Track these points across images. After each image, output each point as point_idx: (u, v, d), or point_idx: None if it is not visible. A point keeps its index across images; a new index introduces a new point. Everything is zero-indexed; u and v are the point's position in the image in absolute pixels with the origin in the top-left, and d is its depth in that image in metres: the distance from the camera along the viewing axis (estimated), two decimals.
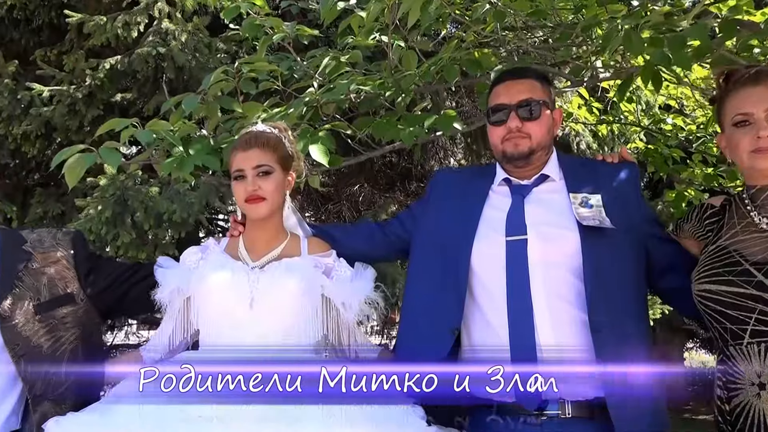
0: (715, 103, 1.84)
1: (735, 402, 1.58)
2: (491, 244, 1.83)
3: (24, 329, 1.86)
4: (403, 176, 6.20)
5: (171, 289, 1.96)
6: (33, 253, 1.98)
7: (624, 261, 1.78)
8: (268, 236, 1.98)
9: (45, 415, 1.78)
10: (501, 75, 1.97)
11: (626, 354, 1.70)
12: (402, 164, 6.16)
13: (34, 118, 3.95)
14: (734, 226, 1.70)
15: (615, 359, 1.69)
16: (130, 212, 3.43)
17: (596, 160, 2.02)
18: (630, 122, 4.49)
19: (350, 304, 1.95)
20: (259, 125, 2.07)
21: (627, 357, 1.70)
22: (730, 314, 1.59)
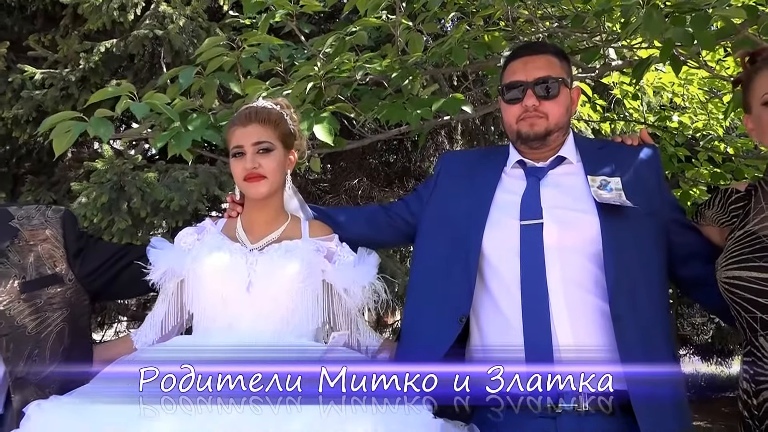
0: (740, 84, 1.76)
1: (764, 395, 1.49)
2: (504, 228, 1.74)
3: (8, 308, 1.76)
4: (401, 174, 6.13)
5: (164, 271, 1.85)
6: (20, 230, 1.87)
7: (645, 247, 1.69)
8: (267, 217, 1.88)
9: (26, 399, 1.68)
10: (517, 50, 1.88)
11: (648, 344, 1.61)
12: (400, 162, 6.10)
13: (26, 102, 3.84)
14: (762, 210, 1.62)
15: (636, 350, 1.60)
16: (127, 199, 3.32)
17: (615, 142, 1.93)
18: (635, 120, 4.43)
19: (352, 290, 1.85)
20: (260, 100, 1.98)
21: (648, 348, 1.61)
22: (760, 302, 1.50)
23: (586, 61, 2.67)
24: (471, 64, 2.74)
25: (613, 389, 1.57)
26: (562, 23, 2.83)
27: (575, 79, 3.85)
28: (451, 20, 3.30)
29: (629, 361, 1.57)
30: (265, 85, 2.41)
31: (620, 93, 4.21)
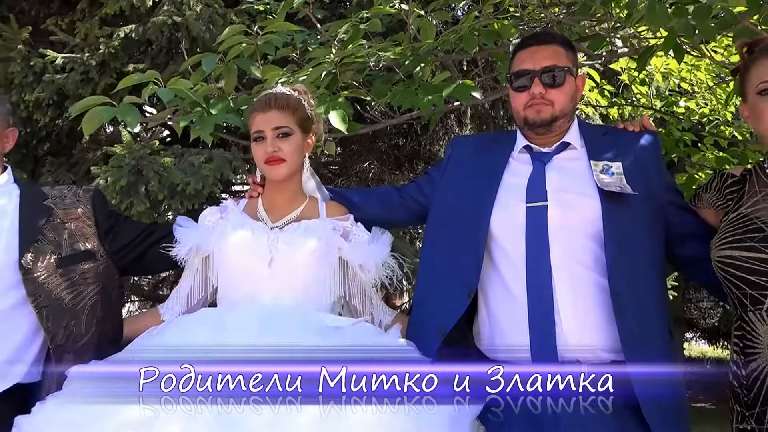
0: (738, 73, 1.84)
1: (752, 366, 1.60)
2: (511, 209, 1.84)
3: (46, 282, 1.87)
4: (411, 157, 6.21)
5: (190, 247, 1.97)
6: (54, 209, 1.99)
7: (643, 227, 1.79)
8: (287, 198, 2.00)
9: (66, 366, 1.80)
10: (525, 40, 1.97)
11: (644, 319, 1.71)
12: (409, 145, 6.18)
13: (47, 85, 3.94)
14: (756, 194, 1.71)
15: (633, 324, 1.70)
16: (144, 182, 3.43)
17: (617, 128, 2.02)
18: (642, 105, 4.49)
19: (367, 266, 1.97)
20: (279, 87, 2.08)
21: (644, 322, 1.71)
22: (751, 280, 1.61)
23: (593, 49, 2.74)
24: (481, 50, 2.82)
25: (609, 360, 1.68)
26: (570, 10, 2.90)
27: (582, 66, 3.93)
28: (462, 8, 3.38)
29: (626, 334, 1.67)
30: (283, 71, 2.51)
31: (628, 78, 4.26)
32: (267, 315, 1.72)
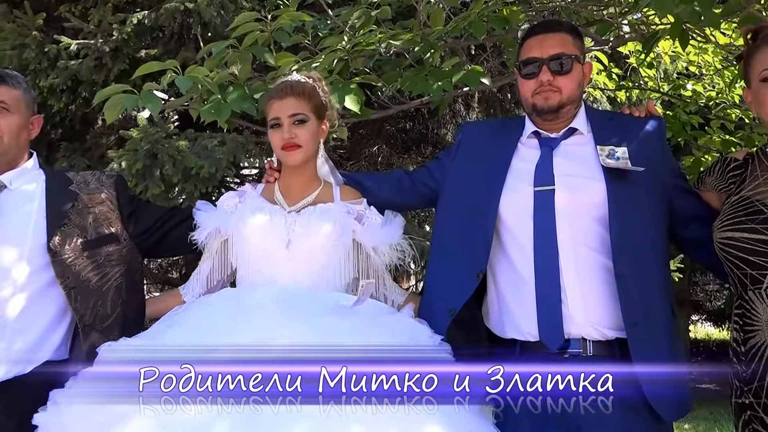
0: (742, 60, 1.89)
1: (751, 343, 1.67)
2: (519, 193, 1.90)
3: (73, 264, 1.95)
4: (418, 141, 6.26)
5: (210, 230, 2.05)
6: (79, 194, 2.07)
7: (648, 210, 1.85)
8: (303, 182, 2.06)
9: (93, 345, 1.89)
10: (533, 28, 2.02)
11: (647, 298, 1.78)
12: (417, 129, 6.22)
13: (61, 71, 4.00)
14: (757, 178, 1.77)
15: (636, 303, 1.77)
16: (159, 166, 3.50)
17: (623, 113, 2.07)
18: (650, 88, 4.52)
19: (380, 249, 2.04)
20: (294, 75, 2.14)
21: (647, 301, 1.78)
22: (751, 260, 1.67)
23: (600, 34, 2.78)
24: (489, 36, 2.86)
25: (613, 336, 1.75)
26: None
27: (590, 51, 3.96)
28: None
29: (629, 313, 1.74)
30: (296, 58, 2.56)
31: (636, 62, 4.29)
32: (286, 295, 1.80)
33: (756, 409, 1.65)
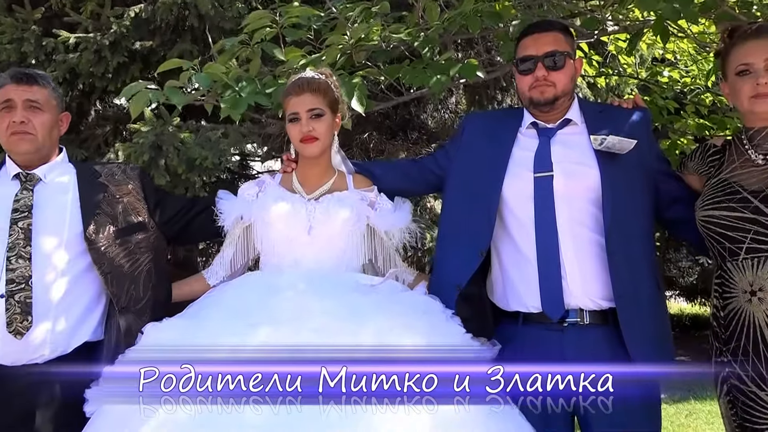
0: (720, 56, 2.09)
1: (729, 308, 1.89)
2: (520, 179, 2.08)
3: (107, 251, 2.09)
4: (403, 126, 6.42)
5: (234, 218, 2.20)
6: (108, 185, 2.20)
7: (636, 193, 2.05)
8: (319, 172, 2.22)
9: (129, 325, 2.05)
10: (528, 28, 2.19)
11: (634, 270, 1.98)
12: (400, 115, 6.38)
13: (59, 65, 4.06)
14: (734, 162, 1.98)
15: (624, 275, 1.97)
16: (164, 157, 3.61)
17: (613, 105, 2.27)
18: (628, 75, 4.73)
19: (392, 232, 2.22)
20: (308, 72, 2.28)
21: (635, 273, 1.98)
22: (730, 235, 1.88)
23: (587, 28, 2.96)
24: (482, 30, 3.02)
25: (607, 306, 1.95)
26: None
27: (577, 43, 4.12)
28: None
29: (618, 285, 1.94)
30: (302, 52, 2.70)
31: (615, 49, 4.49)
32: (312, 276, 1.96)
33: (733, 367, 1.87)
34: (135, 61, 4.22)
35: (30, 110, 2.11)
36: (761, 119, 1.94)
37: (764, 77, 1.87)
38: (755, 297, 1.81)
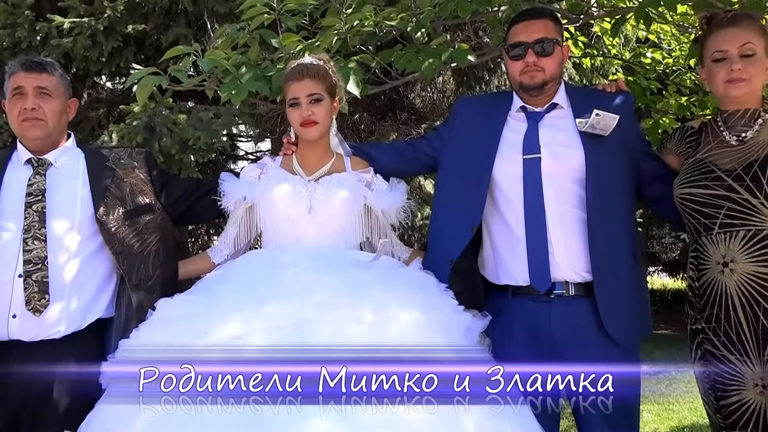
0: (698, 42, 2.21)
1: (704, 279, 2.03)
2: (510, 160, 2.20)
3: (118, 232, 2.19)
4: (391, 107, 6.51)
5: (237, 198, 2.30)
6: (115, 169, 2.29)
7: (618, 172, 2.18)
8: (319, 154, 2.32)
9: (140, 302, 2.15)
10: (519, 15, 2.29)
11: (612, 243, 2.11)
12: (387, 95, 6.46)
13: (53, 49, 4.10)
14: (710, 143, 2.11)
15: (603, 250, 2.10)
16: (157, 138, 3.68)
17: (597, 89, 2.38)
18: (612, 56, 4.85)
19: (388, 212, 2.33)
20: (307, 58, 2.37)
21: (613, 246, 2.11)
22: (705, 211, 2.02)
23: (571, 11, 3.07)
24: (473, 15, 3.11)
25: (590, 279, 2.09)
26: None
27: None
28: None
29: (595, 257, 2.08)
30: (298, 37, 2.78)
31: (600, 30, 4.60)
32: (315, 253, 2.08)
33: (707, 333, 2.02)
34: (129, 45, 4.27)
35: (40, 97, 2.18)
36: (735, 103, 2.07)
37: (738, 63, 2.00)
38: (727, 268, 1.96)
